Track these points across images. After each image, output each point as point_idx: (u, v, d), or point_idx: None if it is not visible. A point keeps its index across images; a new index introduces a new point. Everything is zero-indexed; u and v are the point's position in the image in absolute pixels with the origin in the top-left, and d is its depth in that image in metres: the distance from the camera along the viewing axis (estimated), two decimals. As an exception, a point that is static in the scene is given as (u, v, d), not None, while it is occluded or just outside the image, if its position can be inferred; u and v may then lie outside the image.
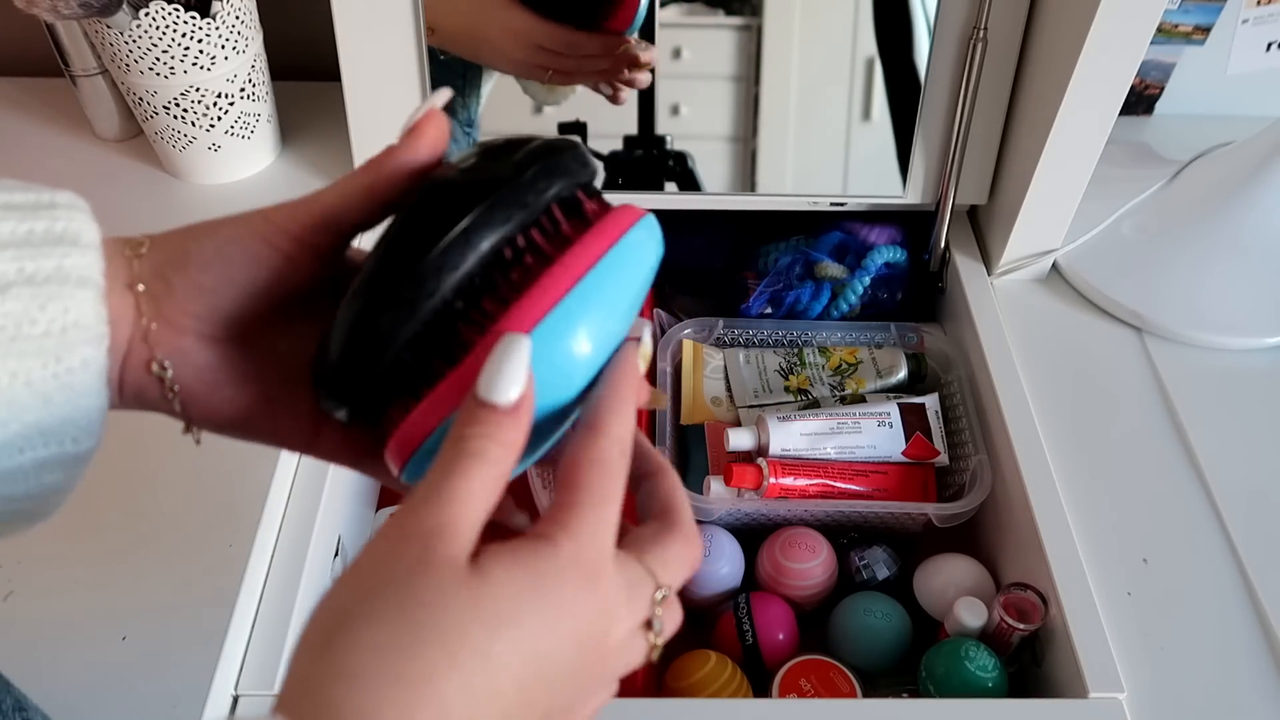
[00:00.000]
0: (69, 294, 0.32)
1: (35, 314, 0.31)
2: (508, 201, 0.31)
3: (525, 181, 0.32)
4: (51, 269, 0.32)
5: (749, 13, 0.71)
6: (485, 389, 0.29)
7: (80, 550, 0.55)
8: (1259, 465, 0.62)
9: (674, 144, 0.75)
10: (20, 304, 0.31)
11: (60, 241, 0.33)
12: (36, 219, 0.32)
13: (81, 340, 0.32)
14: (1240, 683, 0.52)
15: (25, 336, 0.31)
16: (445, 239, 0.30)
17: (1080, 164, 0.67)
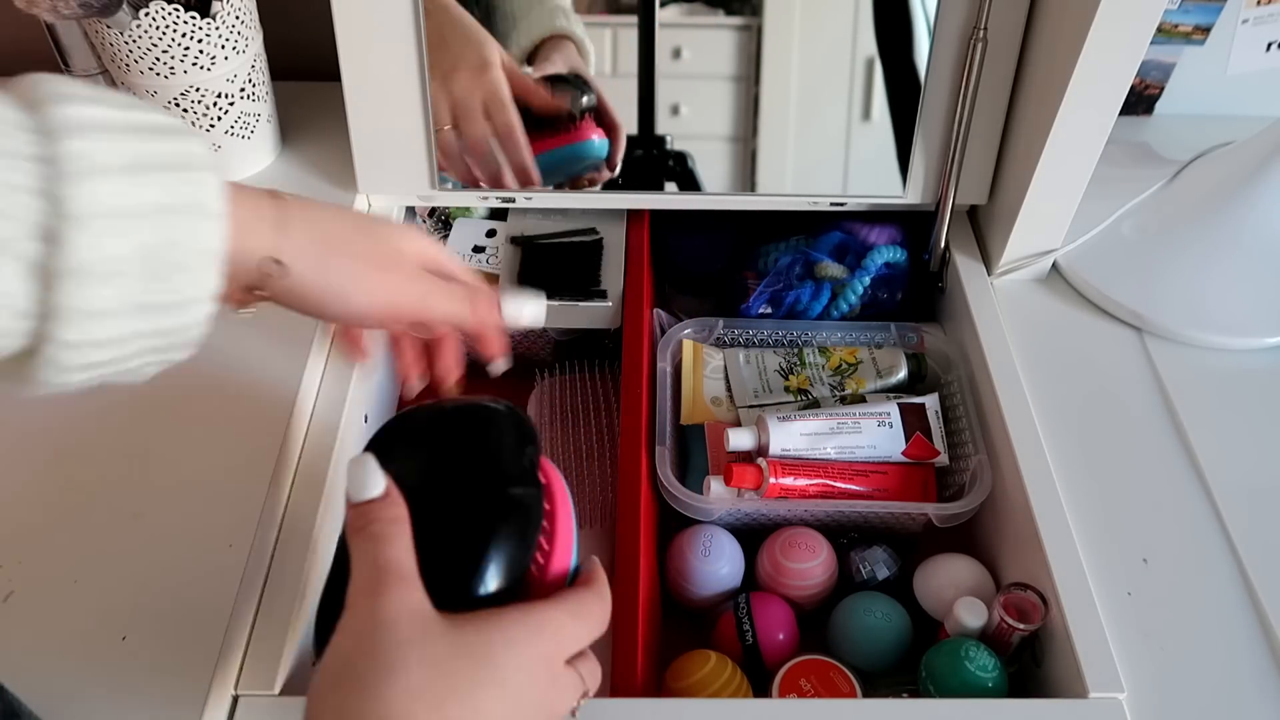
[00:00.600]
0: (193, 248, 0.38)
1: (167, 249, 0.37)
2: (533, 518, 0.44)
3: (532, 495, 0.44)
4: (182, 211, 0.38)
5: (749, 13, 0.71)
6: (359, 494, 0.41)
7: (80, 550, 0.55)
8: (1259, 465, 0.62)
9: (674, 144, 0.75)
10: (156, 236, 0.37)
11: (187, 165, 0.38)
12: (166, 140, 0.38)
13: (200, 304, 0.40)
14: (1240, 683, 0.52)
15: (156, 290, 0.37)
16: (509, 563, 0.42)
17: (1080, 164, 0.67)
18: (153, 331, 0.38)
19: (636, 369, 0.68)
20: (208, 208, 0.38)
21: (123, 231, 0.35)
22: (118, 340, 0.37)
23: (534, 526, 0.44)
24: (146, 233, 0.36)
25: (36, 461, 0.59)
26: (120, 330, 0.37)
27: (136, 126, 0.36)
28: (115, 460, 0.59)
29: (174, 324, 0.39)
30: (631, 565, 0.57)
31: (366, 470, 0.41)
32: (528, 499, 0.44)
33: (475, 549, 0.41)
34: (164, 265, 0.37)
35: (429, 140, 0.73)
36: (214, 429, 0.60)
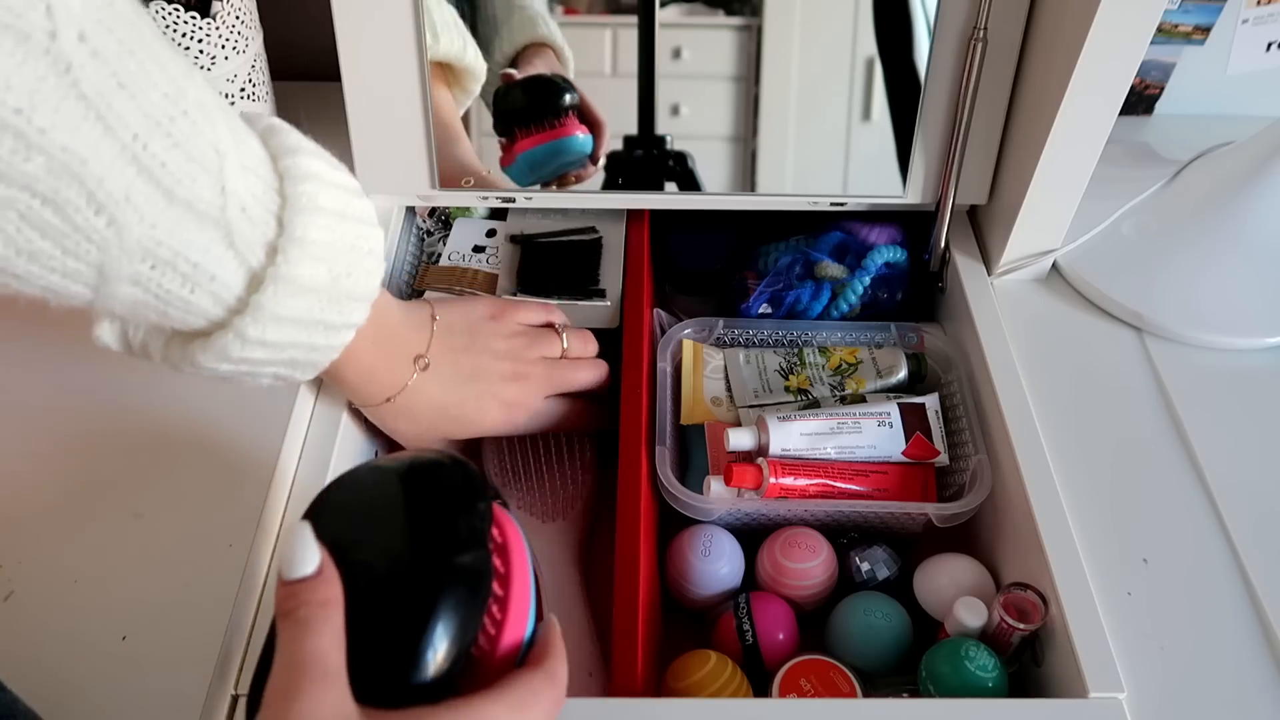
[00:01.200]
0: (368, 268, 0.49)
1: (344, 278, 0.47)
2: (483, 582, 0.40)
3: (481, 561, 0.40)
4: (366, 247, 0.49)
5: (749, 13, 0.71)
6: (291, 571, 0.37)
7: (80, 550, 0.55)
8: (1259, 465, 0.62)
9: (674, 144, 0.75)
10: (343, 266, 0.47)
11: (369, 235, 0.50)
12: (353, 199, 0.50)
13: (360, 306, 0.50)
14: (1240, 683, 0.52)
15: (335, 291, 0.47)
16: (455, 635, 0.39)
17: (1080, 164, 0.67)
18: (306, 345, 0.47)
19: (636, 369, 0.68)
20: (377, 253, 0.49)
21: (322, 259, 0.45)
22: (279, 345, 0.45)
23: (481, 599, 0.40)
24: (339, 264, 0.46)
25: (37, 461, 0.59)
26: (287, 337, 0.45)
27: (343, 185, 0.48)
28: (115, 460, 0.59)
29: (323, 343, 0.48)
30: (631, 565, 0.57)
31: (299, 543, 0.38)
32: (475, 565, 0.40)
33: (412, 631, 0.37)
34: (341, 292, 0.46)
35: (429, 140, 0.73)
36: (214, 429, 0.60)
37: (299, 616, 0.36)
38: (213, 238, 0.41)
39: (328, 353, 0.49)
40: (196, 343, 0.44)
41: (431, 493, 0.42)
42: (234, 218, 0.41)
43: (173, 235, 0.39)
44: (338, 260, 0.46)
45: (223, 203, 0.40)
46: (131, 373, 0.63)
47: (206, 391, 0.62)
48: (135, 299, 0.40)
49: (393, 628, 0.38)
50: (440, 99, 0.71)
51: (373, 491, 0.42)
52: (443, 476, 0.43)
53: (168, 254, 0.39)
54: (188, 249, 0.40)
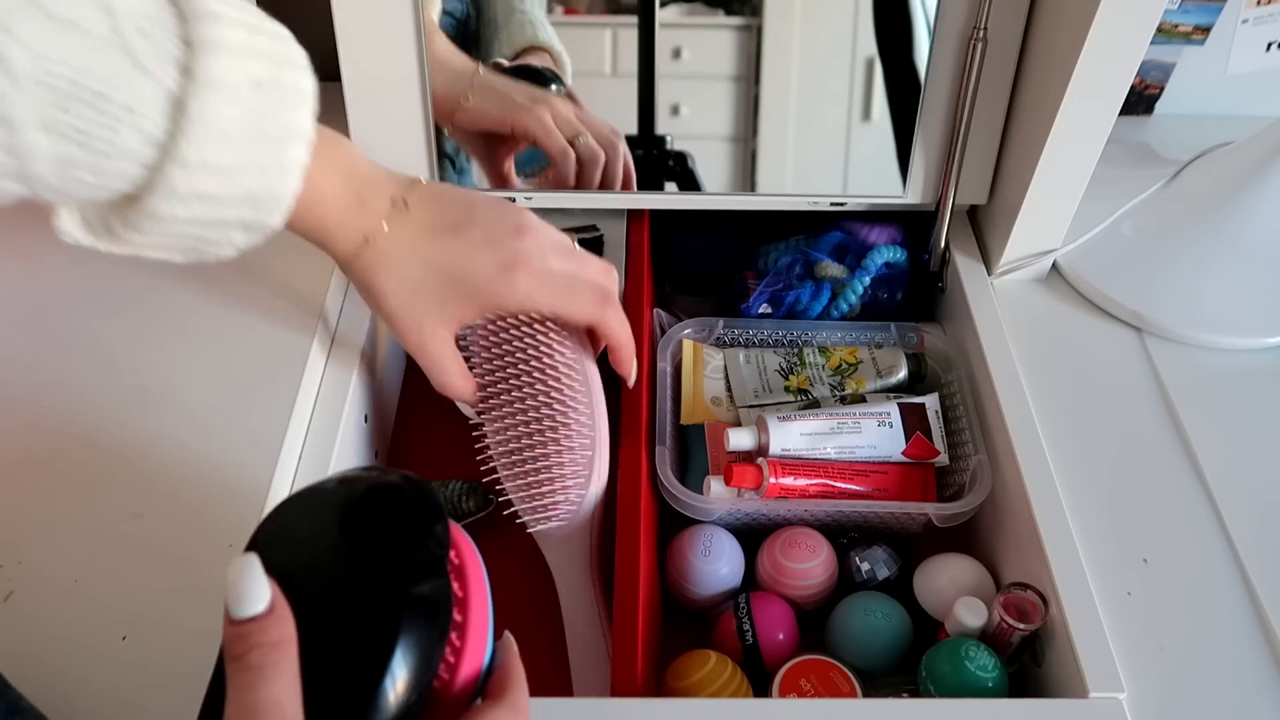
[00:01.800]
0: (298, 102, 0.45)
1: (276, 109, 0.44)
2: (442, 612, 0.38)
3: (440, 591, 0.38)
4: (291, 81, 0.45)
5: (749, 13, 0.71)
6: (240, 610, 0.34)
7: (80, 550, 0.55)
8: (1259, 465, 0.62)
9: (674, 144, 0.75)
10: (270, 99, 0.44)
11: (294, 64, 0.46)
12: (279, 42, 0.46)
13: (297, 137, 0.45)
14: (1240, 683, 0.52)
15: (267, 124, 0.44)
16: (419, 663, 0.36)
17: (1080, 164, 0.67)
18: (254, 167, 0.44)
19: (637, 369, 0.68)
20: (301, 62, 0.46)
21: (243, 63, 0.42)
22: (226, 170, 0.43)
23: (441, 629, 0.37)
24: (261, 68, 0.43)
25: (37, 461, 0.59)
26: (231, 157, 0.43)
27: (246, 8, 0.44)
28: (115, 460, 0.59)
29: (272, 162, 0.45)
30: (631, 565, 0.57)
31: (247, 578, 0.34)
32: (434, 595, 0.37)
33: (370, 668, 0.34)
34: (274, 99, 0.44)
35: (429, 140, 0.73)
36: (214, 429, 0.60)
37: (250, 661, 0.33)
38: (112, 60, 0.38)
39: (283, 175, 0.46)
40: (144, 197, 0.42)
41: (385, 517, 0.39)
42: (131, 37, 0.39)
43: (66, 62, 0.37)
44: (259, 63, 0.43)
45: (111, 22, 0.38)
46: (132, 372, 0.63)
47: (207, 392, 0.62)
48: (57, 154, 0.39)
49: (349, 666, 0.35)
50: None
51: (322, 516, 0.39)
52: (396, 498, 0.39)
53: (66, 85, 0.37)
54: (87, 77, 0.38)
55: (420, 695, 0.36)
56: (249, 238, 0.47)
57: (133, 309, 0.67)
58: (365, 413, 0.70)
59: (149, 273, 0.67)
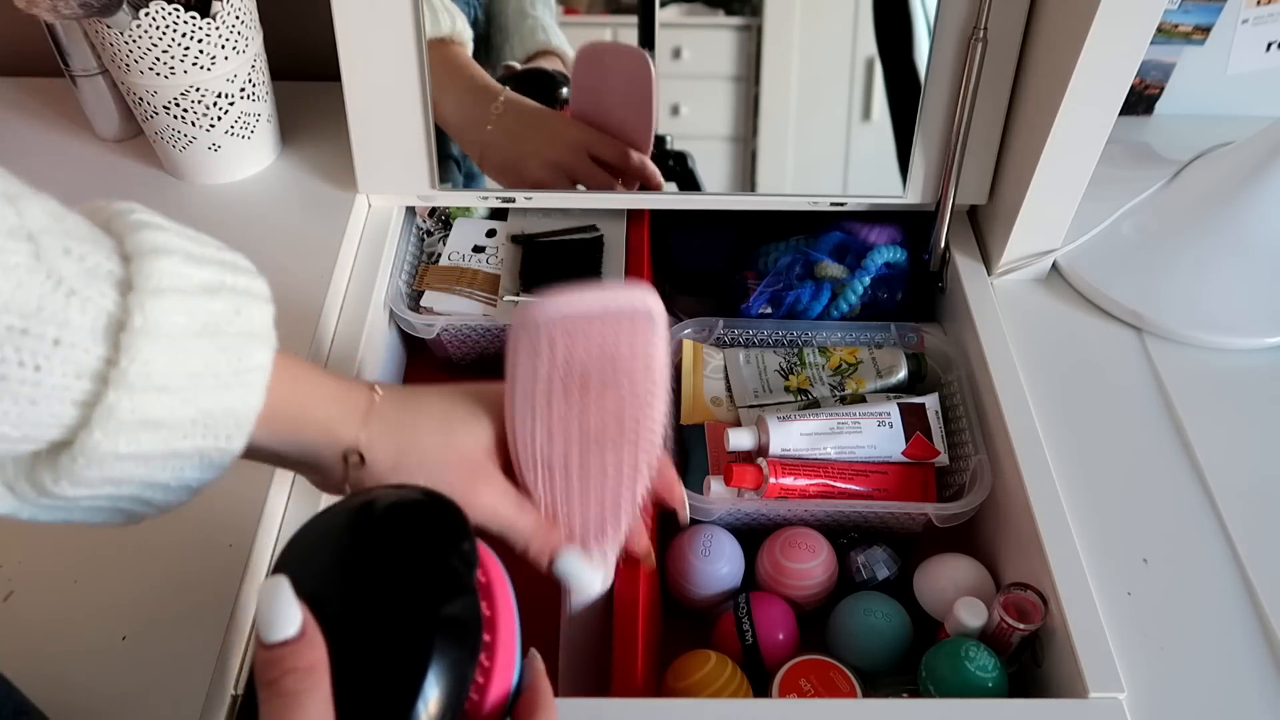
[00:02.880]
0: (257, 305, 0.38)
1: (232, 316, 0.37)
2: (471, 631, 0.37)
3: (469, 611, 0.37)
4: (245, 285, 0.38)
5: (749, 13, 0.71)
6: (271, 634, 0.33)
7: (80, 550, 0.55)
8: (1259, 465, 0.62)
9: (674, 144, 0.75)
10: (222, 305, 0.37)
11: (249, 270, 0.39)
12: (224, 250, 0.39)
13: (259, 345, 0.38)
14: (1240, 683, 0.52)
15: (221, 333, 0.37)
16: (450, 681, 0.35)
17: (1080, 164, 0.67)
18: (212, 382, 0.37)
19: (636, 369, 0.68)
20: (248, 268, 0.39)
21: (190, 268, 0.36)
22: (181, 389, 0.36)
23: (471, 650, 0.37)
24: (210, 274, 0.37)
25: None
26: (186, 372, 0.35)
27: (209, 258, 0.38)
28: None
29: (232, 374, 0.37)
30: (631, 565, 0.57)
31: (278, 601, 0.33)
32: (464, 614, 0.37)
33: (402, 693, 0.34)
34: (224, 305, 0.37)
35: (429, 140, 0.73)
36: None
37: (284, 687, 0.32)
38: (34, 289, 0.32)
39: (245, 390, 0.38)
40: (81, 436, 0.34)
41: (413, 536, 0.38)
42: (56, 261, 0.32)
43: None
44: (208, 269, 0.37)
45: (32, 248, 0.32)
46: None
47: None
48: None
49: (381, 689, 0.34)
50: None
51: (349, 537, 0.38)
52: (424, 517, 0.39)
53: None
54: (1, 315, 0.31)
55: (453, 716, 0.35)
56: (204, 474, 0.39)
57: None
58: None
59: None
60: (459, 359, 0.80)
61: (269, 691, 0.33)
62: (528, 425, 0.47)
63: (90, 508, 0.37)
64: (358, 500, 0.40)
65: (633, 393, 0.48)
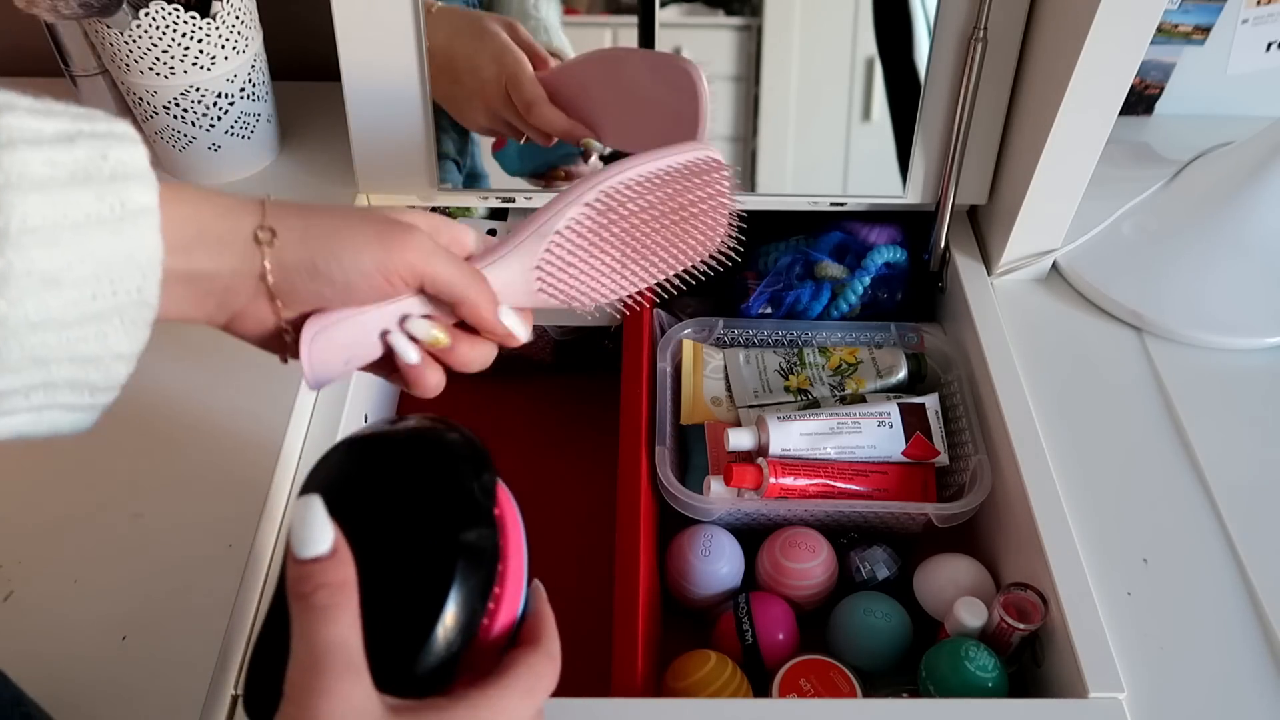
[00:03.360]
0: (124, 146, 0.36)
1: (99, 161, 0.35)
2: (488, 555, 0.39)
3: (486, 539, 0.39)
4: (104, 129, 0.36)
5: (749, 13, 0.71)
6: (304, 549, 0.34)
7: (80, 550, 0.55)
8: (1259, 465, 0.62)
9: (672, 143, 0.74)
10: (86, 151, 0.35)
11: (107, 117, 0.37)
12: (81, 109, 0.37)
13: (139, 186, 0.36)
14: (1240, 683, 0.52)
15: (95, 179, 0.35)
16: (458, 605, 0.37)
17: (1080, 164, 0.67)
18: (98, 225, 0.35)
19: (636, 369, 0.68)
20: (138, 175, 0.37)
21: (41, 121, 0.35)
22: (65, 241, 0.34)
23: (487, 577, 0.38)
24: (65, 124, 0.36)
25: (37, 462, 0.59)
26: (62, 216, 0.34)
27: (57, 111, 0.37)
28: (115, 460, 0.59)
29: (111, 214, 0.35)
30: (631, 565, 0.57)
31: (312, 519, 0.35)
32: (481, 543, 0.38)
33: (424, 613, 0.36)
34: (87, 148, 0.35)
35: (429, 140, 0.73)
36: (214, 428, 0.60)
37: (317, 601, 0.34)
38: None
39: (137, 233, 0.36)
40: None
41: (438, 464, 0.40)
42: None
43: None
44: (62, 120, 0.36)
45: None
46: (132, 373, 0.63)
47: (207, 391, 0.62)
48: None
49: (403, 609, 0.36)
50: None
51: (375, 462, 0.40)
52: (448, 446, 0.40)
53: None
54: None
55: (467, 639, 0.37)
56: (132, 337, 0.37)
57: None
58: (365, 413, 0.70)
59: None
60: (459, 359, 0.80)
61: (302, 604, 0.34)
62: None
63: (32, 407, 0.36)
64: (378, 426, 0.41)
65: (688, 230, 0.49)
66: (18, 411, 0.36)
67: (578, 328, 0.78)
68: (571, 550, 0.69)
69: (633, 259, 0.48)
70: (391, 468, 0.40)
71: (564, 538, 0.71)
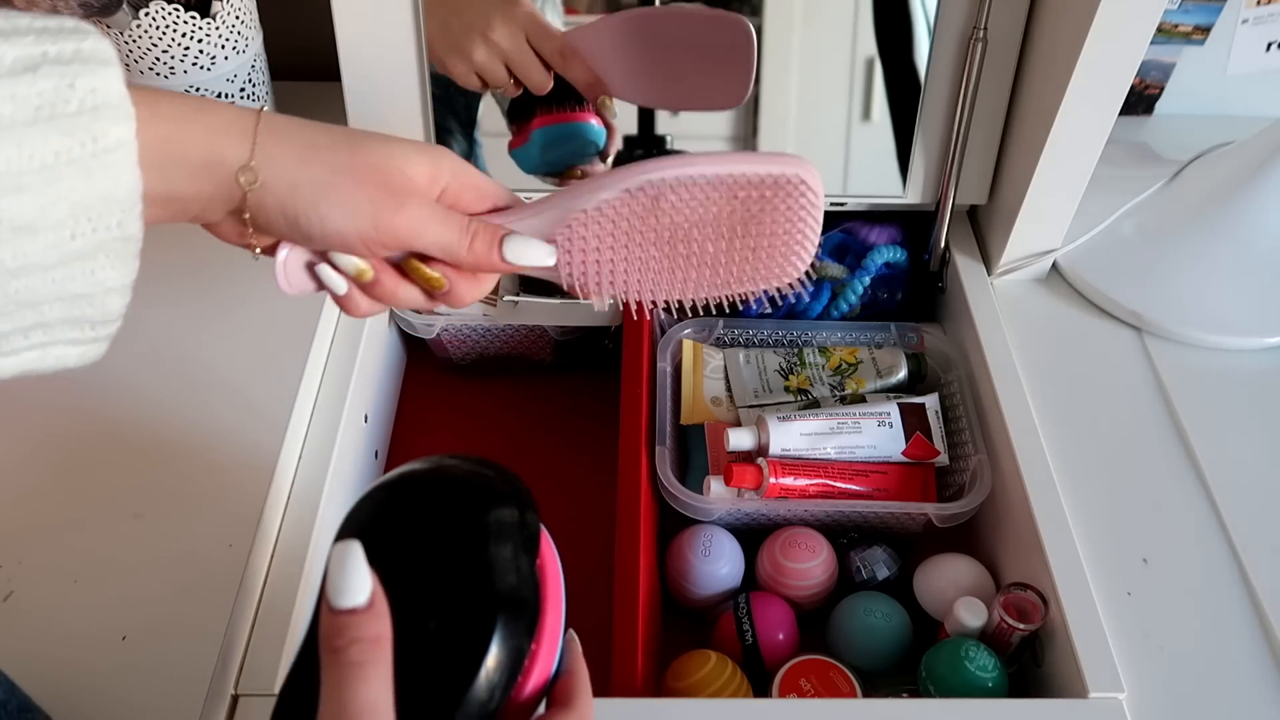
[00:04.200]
0: (94, 71, 0.33)
1: (67, 92, 0.32)
2: None
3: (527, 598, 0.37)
4: (71, 51, 0.33)
5: (749, 13, 0.71)
6: (341, 599, 0.32)
7: (80, 550, 0.55)
8: (1259, 465, 0.62)
9: (674, 144, 0.75)
10: (51, 82, 0.32)
11: (76, 30, 0.33)
12: (48, 20, 0.33)
13: (113, 119, 0.33)
14: (1240, 683, 0.52)
15: (61, 115, 0.32)
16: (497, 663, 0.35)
17: (1080, 164, 0.67)
18: (69, 168, 0.32)
19: (636, 369, 0.68)
20: (111, 106, 0.34)
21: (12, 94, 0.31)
22: (32, 186, 0.32)
23: (527, 633, 0.36)
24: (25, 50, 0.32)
25: (37, 462, 0.59)
26: (26, 158, 0.31)
27: (21, 29, 0.33)
28: (115, 460, 0.59)
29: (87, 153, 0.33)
30: (631, 565, 0.57)
31: (351, 566, 0.33)
32: (523, 594, 0.37)
33: (463, 667, 0.35)
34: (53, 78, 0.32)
35: (429, 140, 0.73)
36: (214, 428, 0.60)
37: (350, 657, 0.32)
38: None
39: (111, 171, 0.34)
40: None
41: (480, 512, 0.37)
42: None
43: None
44: (22, 39, 0.32)
45: None
46: (131, 372, 0.63)
47: (207, 390, 0.62)
48: None
49: (439, 665, 0.35)
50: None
51: (414, 506, 0.38)
52: (491, 491, 0.38)
53: None
54: None
55: (503, 699, 0.35)
56: (120, 270, 0.36)
57: (132, 313, 0.67)
58: (365, 412, 0.70)
59: (148, 278, 0.66)
60: (459, 359, 0.80)
61: (334, 659, 0.32)
62: None
63: (34, 345, 0.35)
64: (419, 467, 0.39)
65: None
66: (19, 351, 0.35)
67: (578, 328, 0.78)
68: (571, 550, 0.69)
69: (677, 265, 0.45)
70: (431, 513, 0.38)
71: (564, 538, 0.71)
